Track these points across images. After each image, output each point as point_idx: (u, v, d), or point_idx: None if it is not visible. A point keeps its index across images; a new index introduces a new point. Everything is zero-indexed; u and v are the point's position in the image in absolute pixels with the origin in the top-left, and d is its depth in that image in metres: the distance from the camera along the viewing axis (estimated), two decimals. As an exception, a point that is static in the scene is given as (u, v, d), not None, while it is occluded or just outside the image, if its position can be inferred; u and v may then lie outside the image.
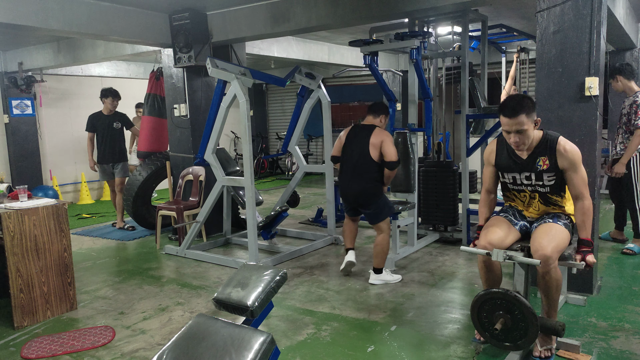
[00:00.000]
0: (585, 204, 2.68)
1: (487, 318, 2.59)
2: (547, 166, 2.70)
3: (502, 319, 2.51)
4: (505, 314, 2.51)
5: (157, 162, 6.24)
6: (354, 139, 4.22)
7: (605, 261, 4.56)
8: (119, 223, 6.59)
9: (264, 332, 1.83)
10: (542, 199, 2.84)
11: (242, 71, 4.70)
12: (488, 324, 2.59)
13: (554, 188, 2.76)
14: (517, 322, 2.49)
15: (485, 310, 2.59)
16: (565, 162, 2.67)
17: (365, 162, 4.11)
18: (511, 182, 2.89)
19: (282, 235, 5.91)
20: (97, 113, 6.44)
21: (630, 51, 7.39)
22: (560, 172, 2.70)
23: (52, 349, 3.16)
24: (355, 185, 4.16)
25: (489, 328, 2.59)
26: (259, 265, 2.37)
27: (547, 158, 2.68)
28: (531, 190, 2.84)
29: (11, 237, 3.43)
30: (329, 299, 3.89)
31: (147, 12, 5.38)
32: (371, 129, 4.18)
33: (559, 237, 2.64)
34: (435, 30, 5.87)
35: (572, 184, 2.69)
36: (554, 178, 2.72)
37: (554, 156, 2.67)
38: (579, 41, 3.52)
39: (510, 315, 2.50)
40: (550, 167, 2.69)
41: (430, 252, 5.08)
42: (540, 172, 2.72)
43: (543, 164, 2.71)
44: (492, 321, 2.57)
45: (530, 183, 2.79)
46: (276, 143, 12.74)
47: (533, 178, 2.77)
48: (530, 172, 2.76)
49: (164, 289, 4.26)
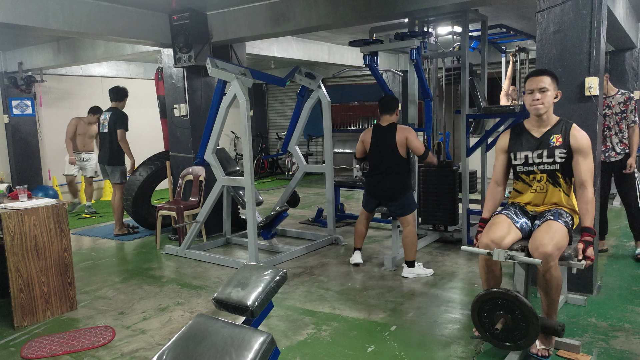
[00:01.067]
0: (588, 193, 2.76)
1: (488, 318, 2.59)
2: (559, 142, 2.82)
3: (502, 318, 2.51)
4: (506, 313, 2.51)
5: (157, 162, 6.24)
6: (380, 140, 4.40)
7: (605, 261, 4.56)
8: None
9: (264, 332, 1.83)
10: (550, 178, 2.87)
11: (242, 71, 4.70)
12: (488, 324, 2.59)
13: (563, 167, 2.84)
14: (517, 322, 2.49)
15: (485, 310, 2.59)
16: (576, 143, 2.79)
17: (395, 161, 4.34)
18: (522, 163, 2.94)
19: (282, 235, 5.91)
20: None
21: (630, 51, 7.39)
22: (571, 151, 2.81)
23: (52, 349, 3.16)
24: (388, 182, 4.40)
25: (489, 328, 2.59)
26: (259, 265, 2.37)
27: (561, 136, 2.83)
28: (541, 170, 2.89)
29: (11, 237, 3.43)
30: (329, 299, 3.89)
31: (147, 12, 5.38)
32: (393, 128, 4.35)
33: (559, 236, 2.67)
34: (435, 30, 5.87)
35: (578, 169, 2.79)
36: (565, 155, 2.82)
37: (567, 135, 2.82)
38: (579, 41, 3.52)
39: (511, 315, 2.50)
40: (563, 144, 2.81)
41: (431, 252, 5.08)
42: (553, 147, 2.84)
43: (556, 141, 2.83)
44: (492, 321, 2.57)
45: (542, 161, 2.87)
46: (276, 143, 12.74)
47: (545, 155, 2.86)
48: (543, 149, 2.86)
49: (164, 289, 4.26)
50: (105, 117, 6.12)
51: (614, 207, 6.92)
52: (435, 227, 5.58)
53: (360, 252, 4.71)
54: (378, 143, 4.41)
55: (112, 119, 6.04)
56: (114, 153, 6.08)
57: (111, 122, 6.03)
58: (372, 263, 4.79)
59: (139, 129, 8.39)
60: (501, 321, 2.51)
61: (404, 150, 4.34)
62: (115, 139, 6.01)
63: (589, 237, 2.69)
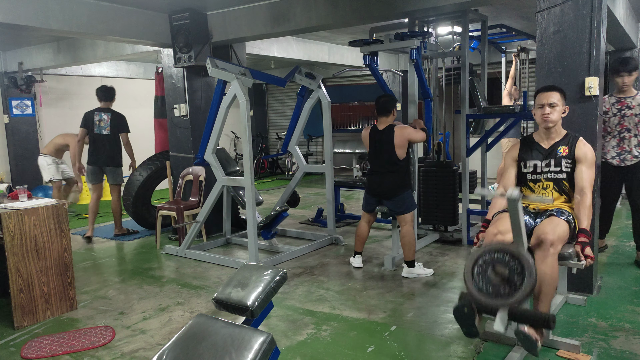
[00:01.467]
0: (587, 199, 2.88)
1: (481, 273, 2.49)
2: (566, 153, 3.00)
3: (500, 268, 2.43)
4: (503, 266, 2.44)
5: (157, 162, 6.24)
6: (378, 143, 4.41)
7: (605, 261, 4.56)
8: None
9: (264, 332, 1.83)
10: (556, 186, 3.01)
11: (242, 71, 4.70)
12: (482, 283, 2.48)
13: (569, 176, 3.00)
14: (513, 274, 2.41)
15: (480, 265, 2.50)
16: (581, 154, 2.96)
17: (394, 162, 4.35)
18: (531, 171, 3.09)
19: (282, 235, 5.91)
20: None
21: (630, 51, 7.38)
22: (575, 161, 2.98)
23: (52, 349, 3.16)
24: (387, 181, 4.40)
25: (482, 285, 2.48)
26: (259, 265, 2.37)
27: (568, 148, 3.01)
28: (547, 179, 3.04)
29: (11, 237, 3.43)
30: (329, 299, 3.89)
31: (147, 12, 5.38)
32: (391, 131, 4.33)
33: (561, 229, 2.75)
34: (435, 30, 5.87)
35: (580, 176, 2.94)
36: (571, 165, 2.98)
37: (573, 147, 3.00)
38: (579, 41, 3.52)
39: (507, 268, 2.43)
40: (569, 154, 2.99)
41: (431, 252, 5.08)
42: (560, 157, 3.01)
43: (563, 152, 3.02)
44: (486, 279, 2.47)
45: (549, 170, 3.03)
46: (276, 143, 12.74)
47: (552, 164, 3.02)
48: (551, 158, 3.03)
49: (164, 289, 4.26)
50: (102, 117, 5.96)
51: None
52: (435, 227, 5.58)
53: (360, 256, 4.68)
54: (376, 146, 4.41)
55: (115, 121, 5.97)
56: (115, 154, 6.01)
57: (113, 125, 5.95)
58: (372, 263, 4.79)
59: (139, 129, 8.38)
60: (498, 271, 2.43)
61: (402, 151, 4.33)
62: (116, 141, 5.97)
63: (585, 239, 2.75)
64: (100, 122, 5.97)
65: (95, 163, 6.01)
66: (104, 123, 5.97)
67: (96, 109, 6.03)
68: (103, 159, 6.00)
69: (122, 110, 6.59)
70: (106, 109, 6.03)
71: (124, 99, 9.59)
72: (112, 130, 5.96)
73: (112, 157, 6.00)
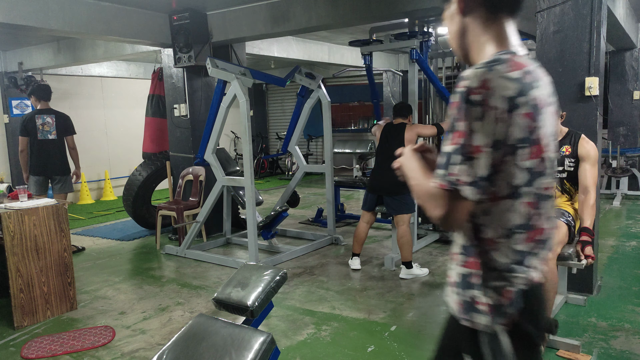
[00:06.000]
0: (591, 197, 2.90)
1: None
2: (569, 152, 3.06)
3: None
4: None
5: (157, 162, 6.24)
6: (389, 137, 4.48)
7: (605, 261, 4.56)
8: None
9: (264, 332, 1.83)
10: (558, 185, 3.06)
11: (242, 71, 4.70)
12: None
13: (571, 175, 3.05)
14: None
15: None
16: (584, 152, 3.01)
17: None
18: None
19: (282, 235, 5.91)
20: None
21: (630, 51, 7.39)
22: (578, 160, 3.02)
23: (52, 349, 3.16)
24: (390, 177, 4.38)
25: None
26: (259, 265, 2.37)
27: (570, 146, 3.06)
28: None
29: (11, 237, 3.43)
30: (329, 299, 3.89)
31: (147, 12, 5.38)
32: (402, 127, 4.44)
33: (560, 232, 2.77)
34: (435, 30, 5.87)
35: (584, 175, 2.97)
36: (573, 163, 3.04)
37: (576, 145, 3.05)
38: (579, 41, 3.52)
39: None
40: (572, 153, 3.05)
41: (430, 252, 5.08)
42: (563, 157, 3.06)
43: (566, 150, 3.07)
44: None
45: None
46: (276, 143, 12.73)
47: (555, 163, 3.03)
48: None
49: (164, 289, 4.26)
50: (46, 121, 5.22)
51: (614, 207, 6.93)
52: (435, 227, 5.59)
53: (358, 258, 4.64)
54: (387, 139, 4.48)
55: (61, 123, 5.30)
56: (65, 161, 5.36)
57: (59, 128, 5.28)
58: (372, 263, 4.79)
59: (139, 128, 8.38)
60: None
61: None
62: (64, 146, 5.34)
63: (587, 237, 2.75)
64: (44, 126, 5.21)
65: (42, 173, 5.24)
66: (48, 127, 5.23)
67: (36, 111, 5.27)
68: (51, 167, 5.25)
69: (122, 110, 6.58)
70: (48, 110, 5.29)
71: (124, 98, 9.64)
72: (58, 134, 5.28)
73: (61, 164, 5.31)
